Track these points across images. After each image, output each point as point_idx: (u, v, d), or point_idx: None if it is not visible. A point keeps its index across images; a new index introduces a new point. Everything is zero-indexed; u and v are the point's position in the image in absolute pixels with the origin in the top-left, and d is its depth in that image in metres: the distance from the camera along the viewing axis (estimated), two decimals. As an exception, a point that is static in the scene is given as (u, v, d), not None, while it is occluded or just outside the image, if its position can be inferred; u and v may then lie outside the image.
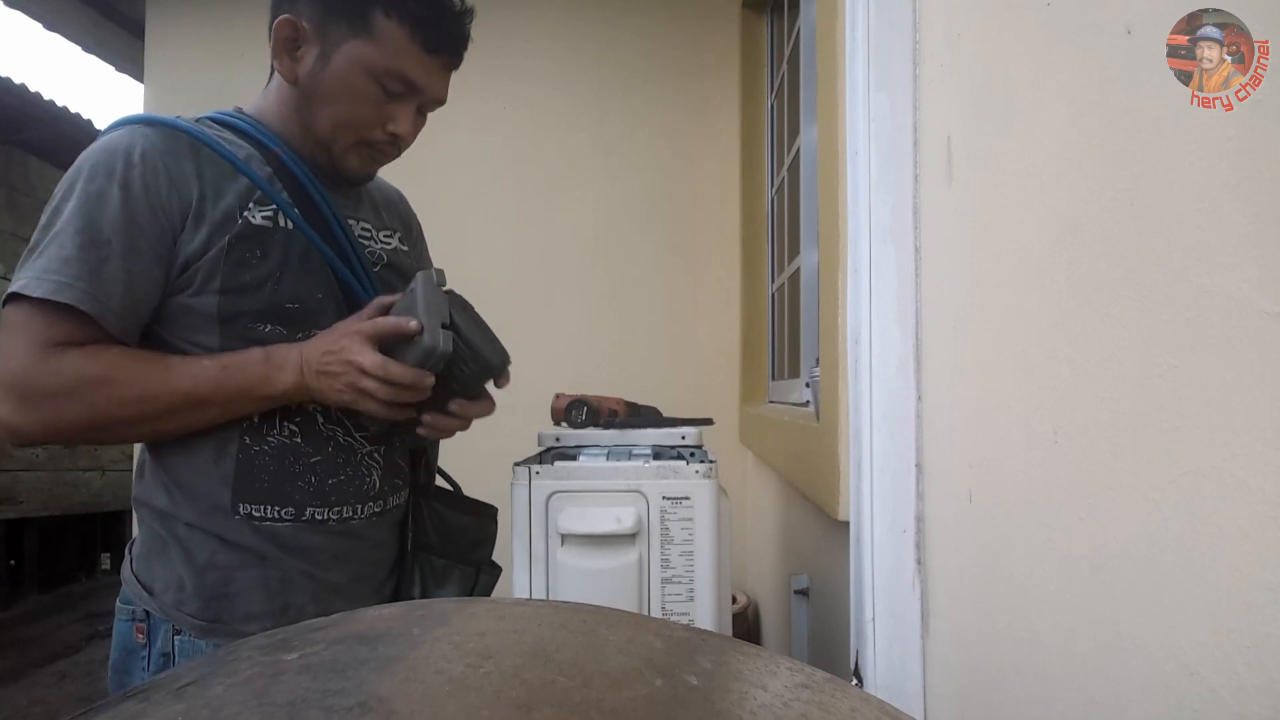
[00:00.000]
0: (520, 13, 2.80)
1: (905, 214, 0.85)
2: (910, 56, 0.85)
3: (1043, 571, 0.57)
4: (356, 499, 0.92)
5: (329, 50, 0.87)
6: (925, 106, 0.83)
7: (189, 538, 0.86)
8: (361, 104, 0.89)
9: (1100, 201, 0.50)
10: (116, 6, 3.37)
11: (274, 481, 0.87)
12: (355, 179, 0.96)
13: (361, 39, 0.86)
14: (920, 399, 0.83)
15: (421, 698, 0.31)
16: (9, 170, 4.48)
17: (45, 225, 0.82)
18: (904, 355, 0.84)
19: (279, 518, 0.87)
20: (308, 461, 0.89)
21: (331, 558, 0.91)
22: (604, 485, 0.90)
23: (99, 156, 0.82)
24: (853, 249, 0.89)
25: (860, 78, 0.87)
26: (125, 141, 0.83)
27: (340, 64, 0.87)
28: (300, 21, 0.87)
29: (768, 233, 2.62)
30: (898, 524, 0.83)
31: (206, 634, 0.85)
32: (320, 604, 0.89)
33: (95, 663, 3.69)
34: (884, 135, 0.85)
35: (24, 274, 0.79)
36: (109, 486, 5.24)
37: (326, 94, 0.88)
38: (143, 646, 0.86)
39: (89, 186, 0.81)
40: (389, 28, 0.86)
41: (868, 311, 0.85)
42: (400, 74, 0.88)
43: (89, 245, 0.79)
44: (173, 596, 0.86)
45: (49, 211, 0.83)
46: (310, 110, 0.90)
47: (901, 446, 0.83)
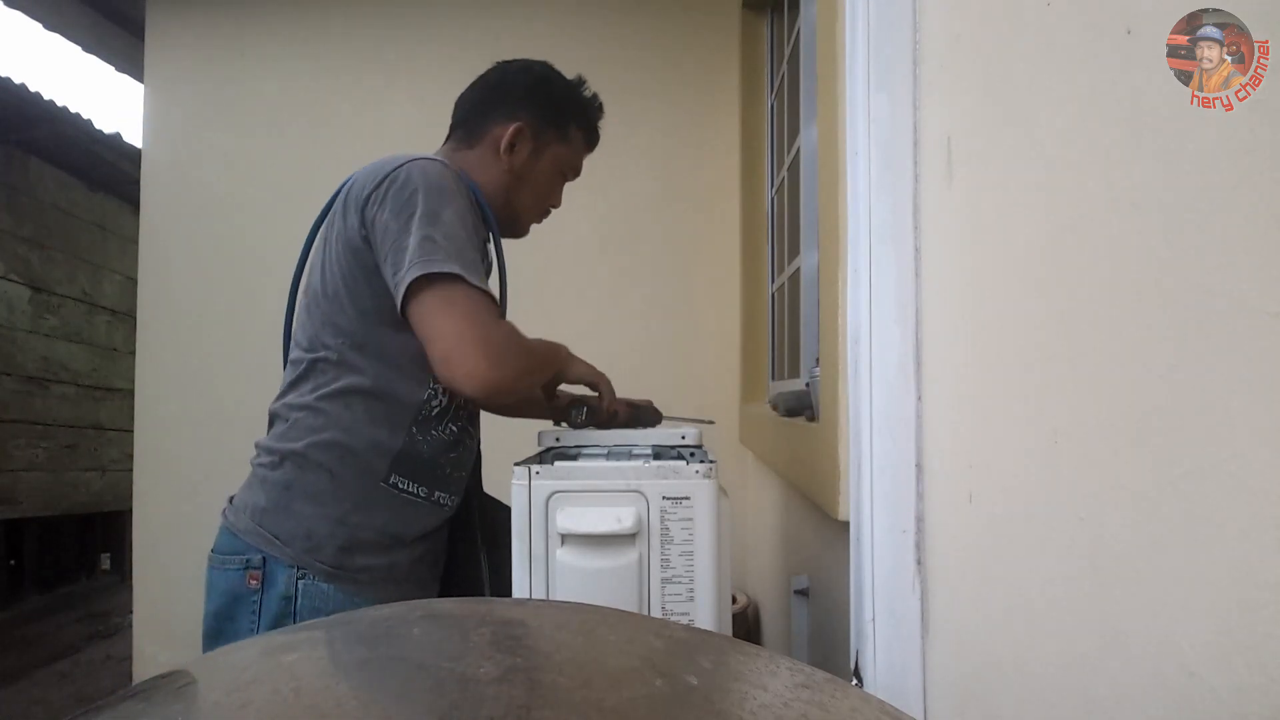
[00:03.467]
0: (520, 12, 2.80)
1: (905, 214, 0.85)
2: (910, 56, 0.85)
3: (1043, 571, 0.57)
4: (459, 489, 1.14)
5: (540, 150, 1.19)
6: (925, 106, 0.83)
7: (331, 493, 1.02)
8: (553, 189, 1.23)
9: (1100, 201, 0.50)
10: (116, 6, 3.37)
11: (424, 465, 1.07)
12: (520, 236, 1.27)
13: (561, 144, 1.20)
14: (920, 399, 0.83)
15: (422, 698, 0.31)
16: (9, 170, 4.47)
17: (430, 222, 0.98)
18: (904, 355, 0.84)
19: (416, 494, 1.07)
20: (449, 455, 1.10)
21: (429, 534, 1.10)
22: (604, 485, 0.90)
23: (438, 179, 1.02)
24: (853, 249, 0.89)
25: (860, 78, 0.87)
26: (445, 171, 1.05)
27: (546, 162, 1.20)
28: (525, 127, 1.17)
29: (768, 233, 2.62)
30: (898, 524, 0.83)
31: (331, 579, 1.01)
32: (411, 571, 1.08)
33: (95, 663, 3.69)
34: (884, 135, 0.85)
35: (450, 263, 0.96)
36: (109, 486, 5.24)
37: (533, 181, 1.19)
38: (254, 592, 1.00)
39: (456, 202, 1.02)
40: (577, 136, 1.21)
41: (868, 311, 0.85)
42: (577, 168, 1.25)
43: (467, 249, 1.00)
44: (302, 544, 1.01)
45: (420, 209, 0.99)
46: (517, 190, 1.19)
47: (901, 446, 0.83)
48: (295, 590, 0.99)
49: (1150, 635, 0.45)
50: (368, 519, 1.03)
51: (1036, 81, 0.58)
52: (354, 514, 1.02)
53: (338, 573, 1.01)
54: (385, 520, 1.04)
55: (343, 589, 1.00)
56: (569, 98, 1.20)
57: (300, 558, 1.00)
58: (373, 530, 1.03)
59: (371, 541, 1.03)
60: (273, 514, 1.02)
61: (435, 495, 1.09)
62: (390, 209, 0.99)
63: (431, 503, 1.08)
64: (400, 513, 1.05)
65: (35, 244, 4.61)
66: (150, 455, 2.79)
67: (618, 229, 2.83)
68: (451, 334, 0.95)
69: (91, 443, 5.16)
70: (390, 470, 1.04)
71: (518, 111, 1.17)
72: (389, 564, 1.04)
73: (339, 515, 1.02)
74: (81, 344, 5.13)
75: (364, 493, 1.03)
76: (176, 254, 2.82)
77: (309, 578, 1.00)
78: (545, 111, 1.18)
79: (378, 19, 2.83)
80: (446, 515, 1.12)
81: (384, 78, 2.80)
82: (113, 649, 3.85)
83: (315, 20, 2.82)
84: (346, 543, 1.01)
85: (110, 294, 5.40)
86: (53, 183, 4.78)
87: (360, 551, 1.02)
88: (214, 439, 2.60)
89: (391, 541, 1.05)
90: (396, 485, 1.04)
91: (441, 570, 1.17)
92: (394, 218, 0.99)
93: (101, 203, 5.25)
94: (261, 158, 2.80)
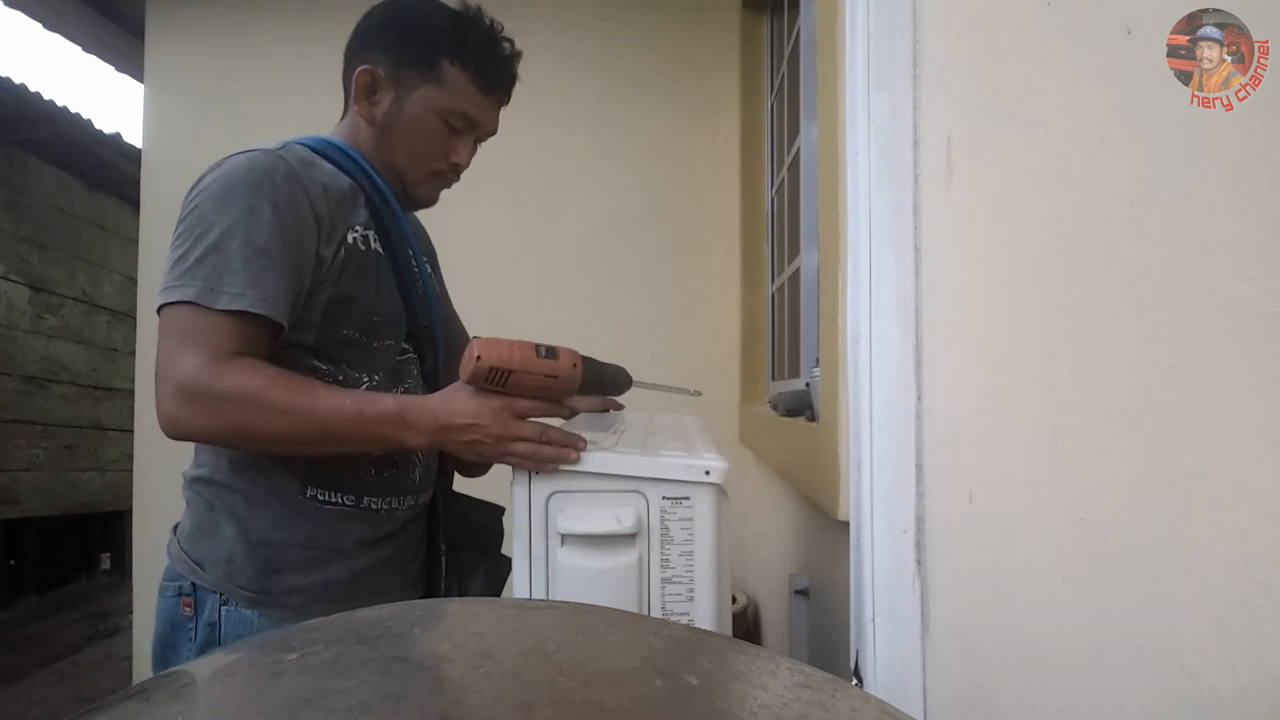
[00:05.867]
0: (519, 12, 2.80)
1: (905, 214, 0.85)
2: (910, 56, 0.85)
3: (1043, 571, 0.57)
4: (402, 491, 1.03)
5: (403, 95, 1.00)
6: (925, 106, 0.83)
7: (246, 515, 0.95)
8: (432, 140, 1.02)
9: (1100, 201, 0.50)
10: (116, 6, 3.37)
11: (341, 471, 0.97)
12: (424, 205, 1.10)
13: (430, 84, 1.00)
14: (920, 399, 0.83)
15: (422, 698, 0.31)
16: (9, 170, 4.47)
17: (195, 236, 0.88)
18: (904, 355, 0.84)
19: (341, 503, 0.98)
20: (369, 455, 0.98)
21: (372, 543, 1.00)
22: (604, 485, 0.90)
23: (246, 175, 0.90)
24: (853, 249, 0.89)
25: (860, 78, 0.87)
26: (266, 162, 0.91)
27: (413, 107, 1.01)
28: (377, 70, 1.00)
29: (768, 233, 2.62)
30: (898, 524, 0.83)
31: (254, 604, 0.94)
32: (356, 585, 0.98)
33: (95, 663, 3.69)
34: (884, 135, 0.85)
35: (186, 282, 0.86)
36: (109, 486, 5.24)
37: (402, 133, 1.01)
38: (189, 619, 0.94)
39: (240, 202, 0.88)
40: (454, 74, 1.00)
41: (868, 311, 0.85)
42: (463, 113, 1.02)
43: (252, 256, 0.87)
44: (223, 570, 0.94)
45: (189, 223, 0.90)
46: (388, 146, 1.02)
47: (901, 446, 0.83)
48: (219, 617, 0.94)
49: (1150, 635, 0.45)
50: (291, 536, 0.96)
51: (1036, 81, 0.58)
52: (274, 532, 0.95)
53: (261, 598, 0.94)
54: (310, 535, 0.96)
55: (268, 615, 0.93)
56: (435, 29, 0.99)
57: (220, 584, 0.94)
58: (297, 547, 0.96)
59: (299, 560, 0.96)
60: (196, 539, 0.97)
61: (365, 502, 0.99)
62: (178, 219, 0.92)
63: (364, 509, 0.99)
64: (328, 525, 0.97)
65: (35, 244, 4.61)
66: (150, 455, 2.79)
67: (617, 229, 2.83)
68: (157, 367, 0.87)
69: (91, 443, 5.16)
70: (305, 483, 0.96)
71: (370, 52, 1.00)
72: (323, 582, 0.97)
73: (259, 536, 0.95)
74: (81, 344, 5.13)
75: (283, 510, 0.96)
76: (176, 254, 2.82)
77: (231, 604, 0.94)
78: (404, 49, 1.00)
79: (378, 19, 2.83)
80: (399, 520, 1.03)
81: (384, 78, 2.80)
82: (113, 649, 3.85)
83: (315, 20, 2.82)
84: (268, 564, 0.95)
85: (110, 294, 5.40)
86: (53, 183, 4.78)
87: (287, 572, 0.95)
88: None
89: (325, 556, 0.97)
90: (316, 498, 0.96)
91: (416, 576, 1.09)
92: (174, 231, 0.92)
93: (101, 203, 5.25)
94: (261, 158, 2.80)
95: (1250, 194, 0.37)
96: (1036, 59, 0.58)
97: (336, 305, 0.95)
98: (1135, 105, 0.46)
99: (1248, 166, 0.37)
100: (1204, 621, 0.40)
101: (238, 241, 0.87)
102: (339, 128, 1.06)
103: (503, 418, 0.88)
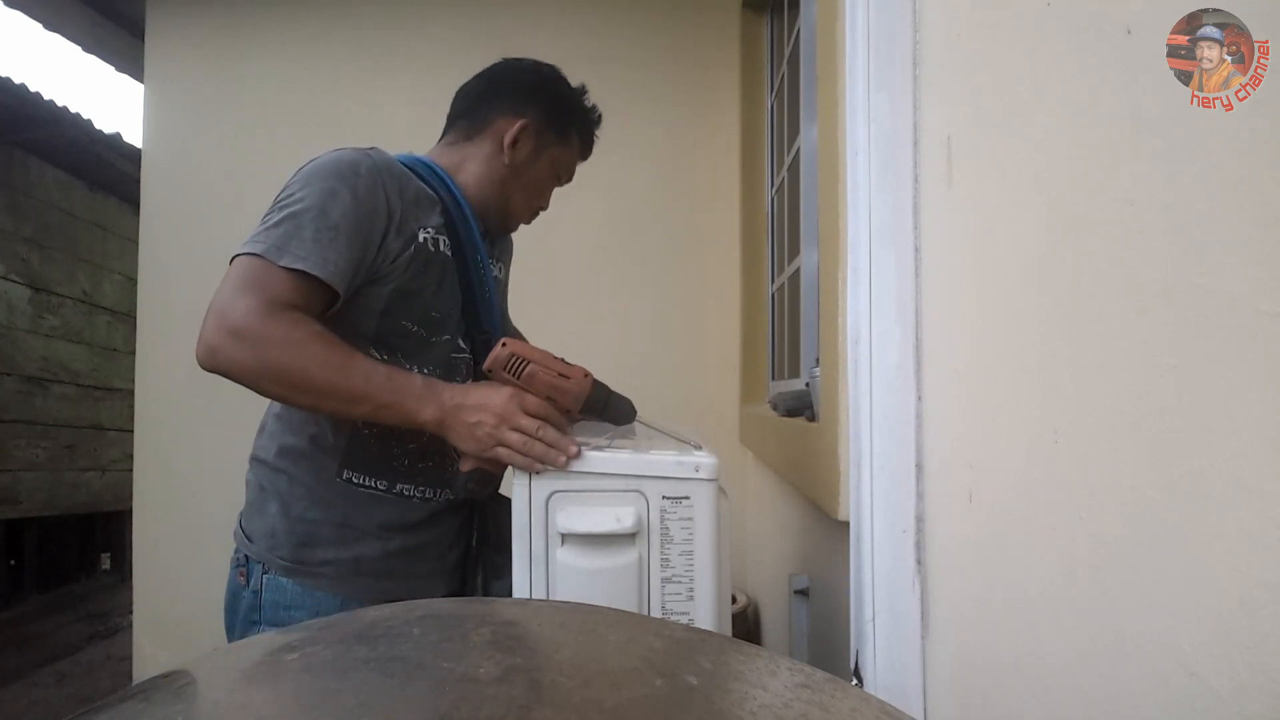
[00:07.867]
0: (520, 13, 2.80)
1: (905, 214, 0.85)
2: (910, 56, 0.85)
3: (1043, 571, 0.57)
4: (439, 484, 1.11)
5: (540, 149, 1.19)
6: (925, 106, 0.83)
7: (288, 494, 1.06)
8: (543, 188, 1.23)
9: (1100, 201, 0.50)
10: (116, 6, 3.37)
11: (376, 460, 1.06)
12: (507, 232, 1.28)
13: (561, 146, 1.21)
14: (920, 399, 0.83)
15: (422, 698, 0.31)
16: (9, 170, 4.47)
17: (280, 206, 0.99)
18: (904, 355, 0.84)
19: (374, 487, 1.07)
20: (405, 446, 1.07)
21: (402, 528, 1.09)
22: (604, 485, 0.90)
23: (335, 164, 1.01)
24: (853, 249, 0.89)
25: (860, 78, 0.87)
26: (354, 157, 1.03)
27: (545, 160, 1.20)
28: (530, 124, 1.17)
29: (768, 233, 2.62)
30: (898, 524, 0.83)
31: (290, 574, 1.04)
32: (388, 563, 1.07)
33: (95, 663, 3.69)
34: (884, 135, 0.85)
35: (260, 240, 0.95)
36: (109, 486, 5.24)
37: (530, 179, 1.19)
38: (243, 588, 1.06)
39: (328, 182, 0.99)
40: (575, 141, 1.23)
41: (868, 311, 0.85)
42: (570, 170, 1.25)
43: (323, 228, 0.96)
44: (266, 542, 1.05)
45: (280, 196, 1.00)
46: (514, 187, 1.18)
47: (901, 446, 0.83)
48: (261, 584, 1.05)
49: (1150, 635, 0.45)
50: (325, 514, 1.05)
51: (1036, 81, 0.58)
52: (310, 510, 1.05)
53: (296, 568, 1.04)
54: (343, 515, 1.06)
55: (301, 583, 1.04)
56: (574, 102, 1.22)
57: (263, 555, 1.05)
58: (331, 525, 1.05)
59: (332, 536, 1.05)
60: (249, 515, 1.09)
61: (398, 488, 1.08)
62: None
63: (396, 495, 1.08)
64: (359, 506, 1.06)
65: (35, 244, 4.61)
66: (150, 455, 2.79)
67: (618, 229, 2.83)
68: (212, 303, 0.95)
69: (91, 443, 5.16)
70: (342, 467, 1.06)
71: (524, 108, 1.18)
72: (354, 558, 1.06)
73: (298, 513, 1.05)
74: (81, 344, 5.13)
75: (319, 490, 1.06)
76: (176, 254, 2.82)
77: (271, 573, 1.05)
78: (551, 112, 1.19)
79: (378, 19, 2.83)
80: (431, 509, 1.11)
81: (384, 77, 2.80)
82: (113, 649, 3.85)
83: (315, 20, 2.82)
84: (304, 539, 1.05)
85: (110, 294, 5.40)
86: (53, 183, 4.78)
87: (320, 546, 1.05)
88: (214, 439, 2.59)
89: (356, 534, 1.06)
90: (351, 480, 1.06)
91: (454, 566, 1.17)
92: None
93: (101, 203, 5.25)
94: (261, 158, 2.80)
95: (1250, 194, 0.37)
96: (1036, 59, 0.58)
97: (399, 297, 1.04)
98: (1135, 105, 0.46)
99: (1248, 166, 0.37)
100: (1204, 621, 0.40)
101: (313, 214, 0.97)
102: (441, 151, 1.18)
103: (509, 405, 0.94)
